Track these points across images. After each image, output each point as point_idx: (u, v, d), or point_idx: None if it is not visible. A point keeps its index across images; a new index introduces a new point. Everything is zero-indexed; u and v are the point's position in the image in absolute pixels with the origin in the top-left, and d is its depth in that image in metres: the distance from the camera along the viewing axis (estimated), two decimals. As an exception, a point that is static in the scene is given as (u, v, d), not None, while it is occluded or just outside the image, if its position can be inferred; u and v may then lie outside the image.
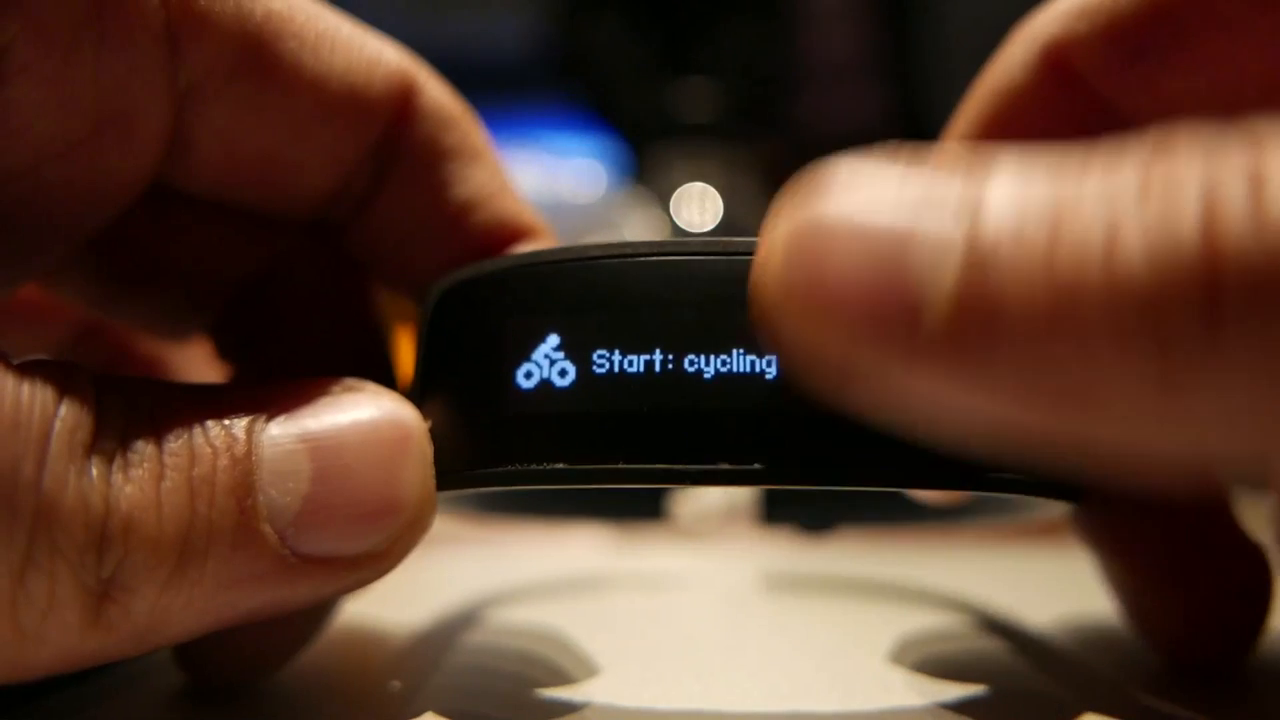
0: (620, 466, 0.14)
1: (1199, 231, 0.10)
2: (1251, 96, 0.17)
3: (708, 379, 0.14)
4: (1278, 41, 0.16)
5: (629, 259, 0.15)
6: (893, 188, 0.12)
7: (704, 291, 0.15)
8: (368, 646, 0.23)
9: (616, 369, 0.15)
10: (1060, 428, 0.11)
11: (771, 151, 0.74)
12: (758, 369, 0.14)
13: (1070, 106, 0.18)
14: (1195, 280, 0.10)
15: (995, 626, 0.25)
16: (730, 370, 0.14)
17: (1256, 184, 0.10)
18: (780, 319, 0.12)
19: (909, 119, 0.87)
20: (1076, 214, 0.11)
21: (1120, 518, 0.19)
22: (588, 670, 0.20)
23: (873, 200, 0.12)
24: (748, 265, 0.15)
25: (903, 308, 0.11)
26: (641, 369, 0.15)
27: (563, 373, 0.15)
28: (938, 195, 0.12)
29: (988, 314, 0.11)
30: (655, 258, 0.15)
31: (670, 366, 0.15)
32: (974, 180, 0.12)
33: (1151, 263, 0.10)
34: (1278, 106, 0.17)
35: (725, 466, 0.14)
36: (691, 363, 0.15)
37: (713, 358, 0.15)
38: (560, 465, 0.15)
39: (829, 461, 0.14)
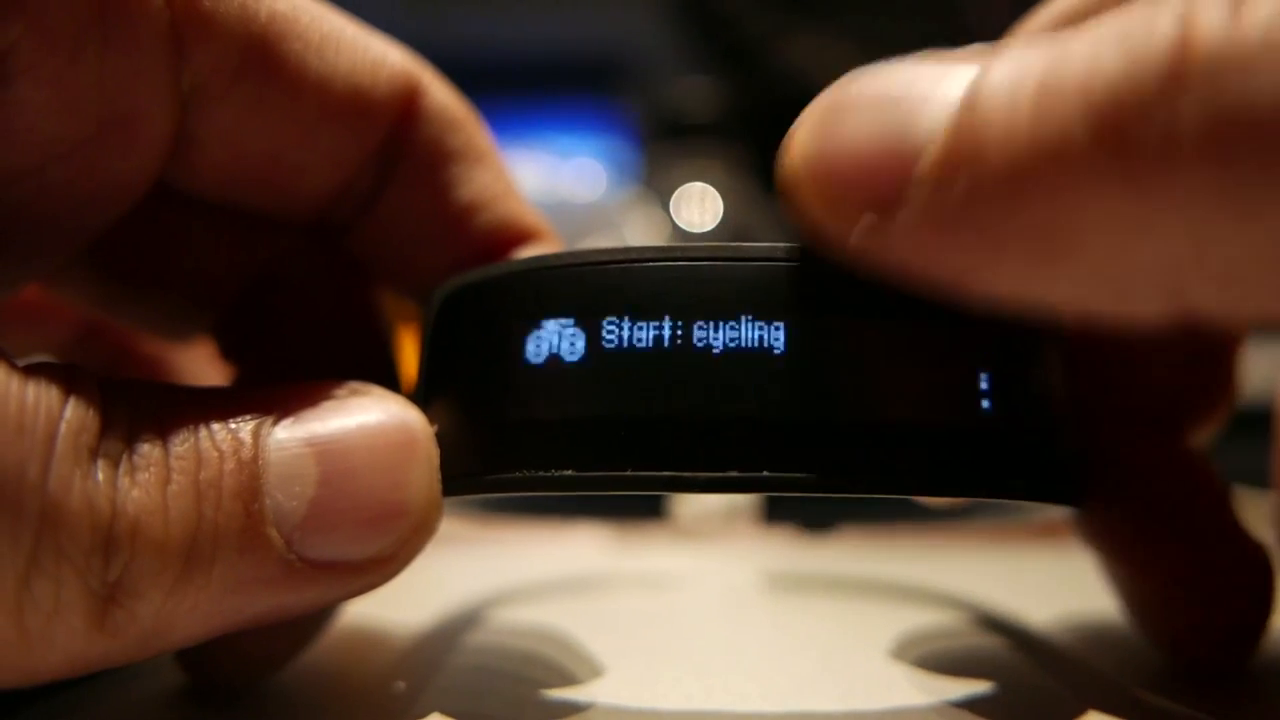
0: (629, 474, 0.14)
1: (1172, 31, 0.10)
2: None
3: (716, 385, 0.14)
4: None
5: (635, 263, 0.15)
6: (911, 71, 0.13)
7: (711, 296, 0.15)
8: (370, 647, 0.23)
9: (624, 374, 0.15)
10: (1049, 260, 0.12)
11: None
12: (767, 375, 0.14)
13: None
14: (1161, 74, 0.10)
15: (996, 625, 0.25)
16: (738, 376, 0.14)
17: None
18: (797, 185, 0.13)
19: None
20: (1064, 60, 0.11)
21: (1121, 518, 0.19)
22: (590, 670, 0.20)
23: (891, 79, 0.13)
24: (754, 270, 0.15)
25: (901, 163, 0.12)
26: (650, 374, 0.15)
27: (569, 377, 0.15)
28: (949, 72, 0.13)
29: (973, 153, 0.12)
30: (662, 262, 0.15)
31: (679, 372, 0.15)
32: (983, 59, 0.12)
33: (1123, 62, 0.11)
34: None
35: (734, 474, 0.14)
36: (700, 369, 0.15)
37: (721, 364, 0.15)
38: (569, 472, 0.15)
39: (835, 469, 0.14)
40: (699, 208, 0.65)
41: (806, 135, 0.13)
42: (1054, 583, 0.31)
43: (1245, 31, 0.10)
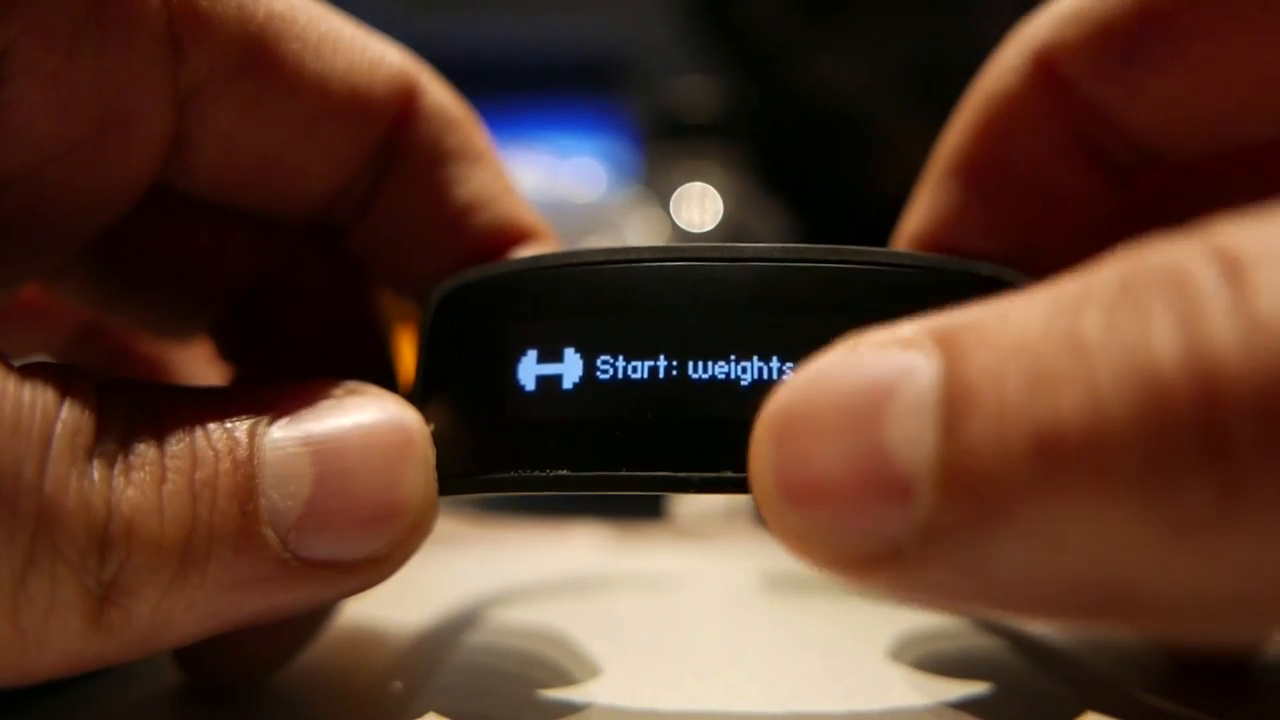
0: (623, 474, 0.14)
1: (1178, 346, 0.09)
2: (1240, 99, 0.17)
3: (711, 384, 0.14)
4: (1264, 43, 0.16)
5: (632, 263, 0.15)
6: (863, 353, 0.11)
7: (708, 296, 0.15)
8: (368, 646, 0.23)
9: (620, 374, 0.15)
10: (1086, 594, 0.10)
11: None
12: (762, 375, 0.14)
13: (1062, 112, 0.18)
14: (1188, 413, 0.09)
15: (995, 625, 0.25)
16: (734, 376, 0.14)
17: (1232, 270, 0.09)
18: (780, 513, 0.12)
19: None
20: (1045, 348, 0.10)
21: None
22: (589, 670, 0.20)
23: (844, 368, 0.11)
24: (751, 270, 0.15)
25: (884, 480, 0.10)
26: (645, 374, 0.15)
27: (566, 377, 0.15)
28: (907, 352, 0.11)
29: (972, 477, 0.10)
30: (659, 262, 0.15)
31: (674, 372, 0.15)
32: (928, 339, 0.11)
33: (1134, 398, 0.09)
34: (1265, 109, 0.17)
35: (729, 474, 0.14)
36: (695, 368, 0.15)
37: (716, 363, 0.15)
38: (563, 472, 0.15)
39: None
40: (699, 208, 0.65)
41: (770, 463, 0.12)
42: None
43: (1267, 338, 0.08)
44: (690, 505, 0.39)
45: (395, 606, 0.25)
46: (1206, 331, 0.08)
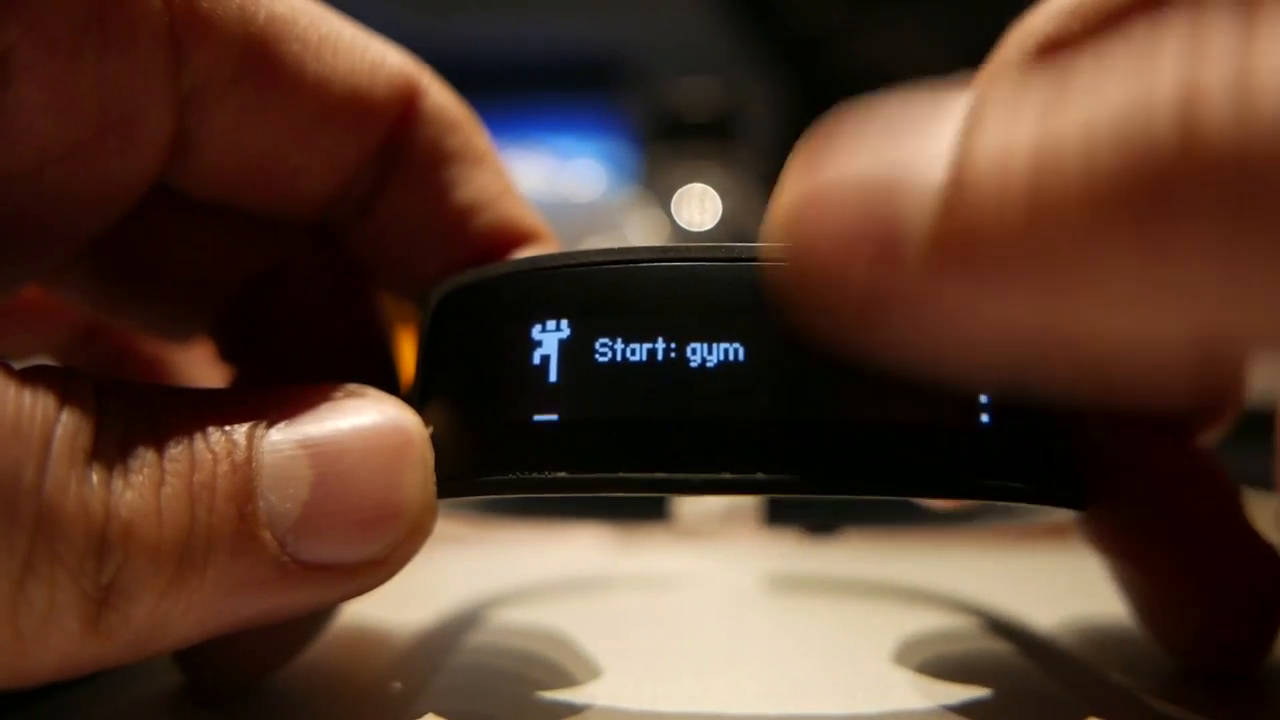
0: (622, 475, 0.14)
1: (1177, 101, 0.10)
2: None
3: (710, 386, 0.14)
4: None
5: (631, 264, 0.15)
6: (886, 143, 0.12)
7: (706, 296, 0.15)
8: (368, 647, 0.23)
9: (618, 375, 0.15)
10: (1051, 325, 0.11)
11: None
12: (761, 376, 0.14)
13: None
14: (1173, 155, 0.10)
15: (1001, 628, 0.25)
16: (733, 377, 0.14)
17: (1243, 70, 0.09)
18: (789, 279, 0.13)
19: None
20: (1058, 135, 0.11)
21: (1129, 521, 0.19)
22: (590, 671, 0.20)
23: (869, 159, 0.12)
24: (749, 270, 0.15)
25: (889, 243, 0.12)
26: (644, 376, 0.15)
27: (564, 379, 0.15)
28: (929, 141, 0.12)
29: (969, 225, 0.11)
30: (657, 263, 0.15)
31: (673, 373, 0.15)
32: (965, 113, 0.12)
33: (1124, 133, 0.10)
34: None
35: (727, 475, 0.14)
36: (694, 369, 0.14)
37: (715, 364, 0.14)
38: (562, 474, 0.15)
39: (831, 470, 0.14)
40: (699, 208, 0.65)
41: (786, 229, 0.13)
42: (1060, 586, 0.31)
43: (1256, 90, 0.09)
44: (692, 506, 0.39)
45: (395, 607, 0.25)
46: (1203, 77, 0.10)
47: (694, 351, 0.15)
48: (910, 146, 0.12)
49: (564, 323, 0.15)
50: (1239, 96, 0.09)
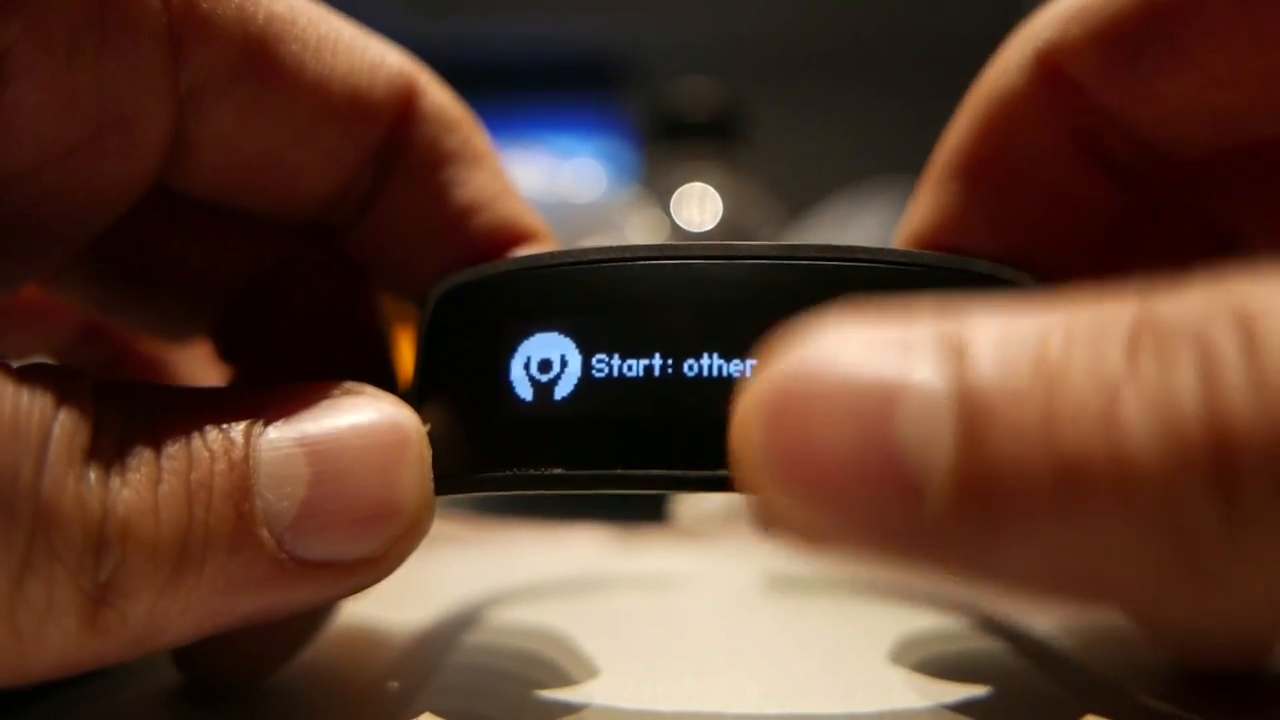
0: (619, 473, 0.14)
1: (1200, 400, 0.10)
2: (1244, 97, 0.17)
3: (707, 384, 0.14)
4: (1268, 41, 0.16)
5: (629, 262, 0.15)
6: (873, 346, 0.11)
7: (704, 295, 0.15)
8: (367, 646, 0.23)
9: (616, 373, 0.15)
10: (1081, 592, 0.11)
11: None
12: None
13: (1065, 111, 0.18)
14: (1205, 458, 0.10)
15: (998, 628, 0.25)
16: (731, 375, 0.14)
17: (1248, 336, 0.10)
18: (769, 497, 0.11)
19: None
20: (1066, 376, 0.10)
21: None
22: (588, 671, 0.20)
23: (852, 357, 0.11)
24: (748, 269, 0.15)
25: (893, 472, 0.11)
26: (641, 373, 0.15)
27: (562, 377, 0.15)
28: (919, 353, 0.11)
29: (989, 491, 0.10)
30: (655, 261, 0.15)
31: (670, 371, 0.15)
32: (953, 332, 0.11)
33: (1158, 440, 0.10)
34: (1268, 106, 0.17)
35: (725, 473, 0.14)
36: (691, 367, 0.14)
37: (713, 362, 0.14)
38: (559, 471, 0.15)
39: None
40: (699, 208, 0.65)
41: (764, 438, 0.11)
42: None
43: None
44: (691, 506, 0.39)
45: (394, 606, 0.25)
46: (1225, 391, 0.10)
47: (692, 349, 0.15)
48: (887, 359, 0.11)
49: (562, 320, 0.15)
50: (1260, 396, 0.10)
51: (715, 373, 0.14)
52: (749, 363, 0.14)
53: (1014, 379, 0.10)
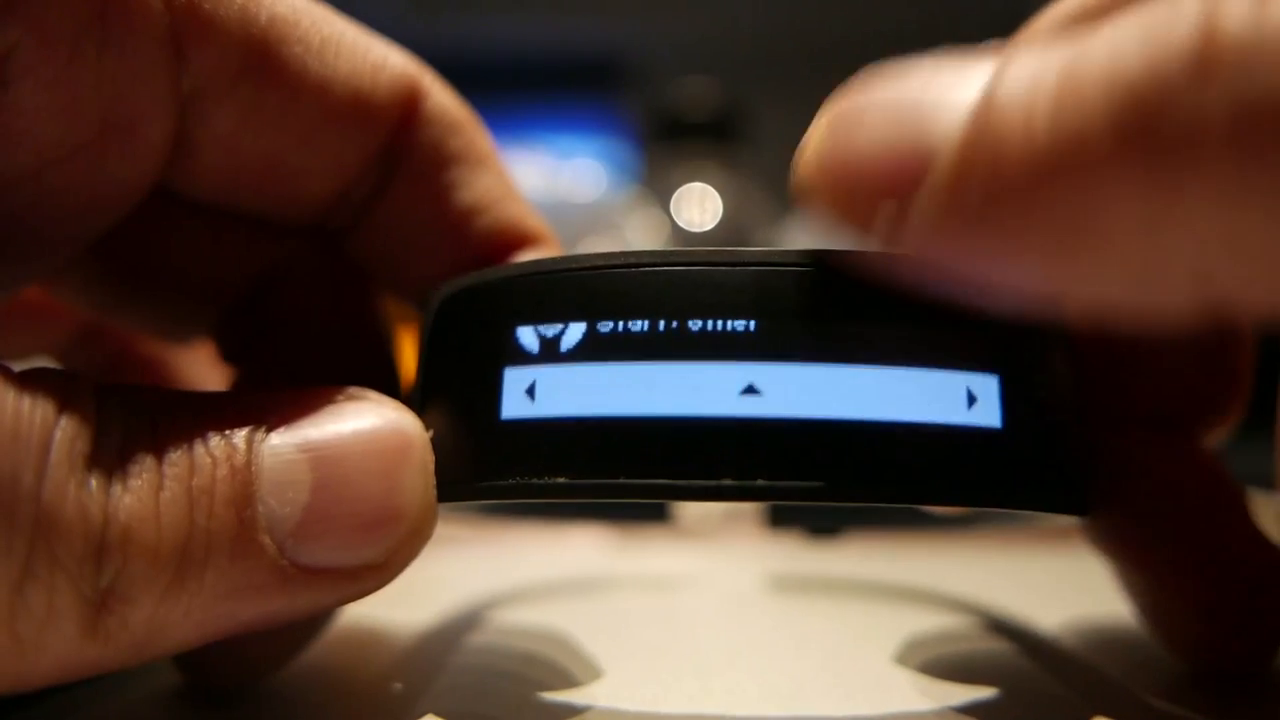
0: (622, 482, 0.14)
1: (1196, 23, 0.10)
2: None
3: (711, 390, 0.14)
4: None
5: (633, 268, 0.15)
6: (924, 75, 0.13)
7: (709, 301, 0.15)
8: (369, 648, 0.23)
9: (620, 380, 0.15)
10: (1072, 254, 0.12)
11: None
12: (762, 382, 0.14)
13: None
14: (1186, 66, 0.10)
15: (1004, 629, 0.25)
16: (735, 383, 0.14)
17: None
18: (813, 190, 0.14)
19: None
20: (1083, 57, 0.11)
21: (1133, 523, 0.19)
22: (591, 672, 0.20)
23: (904, 85, 0.13)
24: (751, 275, 0.15)
25: (915, 163, 0.12)
26: (645, 380, 0.15)
27: (565, 383, 0.15)
28: (963, 75, 0.12)
29: (992, 152, 0.12)
30: (659, 267, 0.15)
31: (674, 379, 0.14)
32: (998, 59, 0.12)
33: (1145, 56, 0.11)
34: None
35: (729, 482, 0.14)
36: (695, 374, 0.14)
37: (717, 368, 0.14)
38: (561, 479, 0.15)
39: (834, 477, 0.14)
40: (699, 208, 0.65)
41: (819, 142, 0.13)
42: (1063, 586, 0.31)
43: (1271, 21, 0.10)
44: (693, 507, 0.39)
45: (396, 607, 0.25)
46: (1223, 17, 0.10)
47: (696, 355, 0.14)
48: (946, 78, 0.13)
49: (565, 325, 0.15)
50: (1255, 4, 0.10)
51: (721, 379, 0.14)
52: (755, 369, 0.14)
53: (1035, 81, 0.12)
